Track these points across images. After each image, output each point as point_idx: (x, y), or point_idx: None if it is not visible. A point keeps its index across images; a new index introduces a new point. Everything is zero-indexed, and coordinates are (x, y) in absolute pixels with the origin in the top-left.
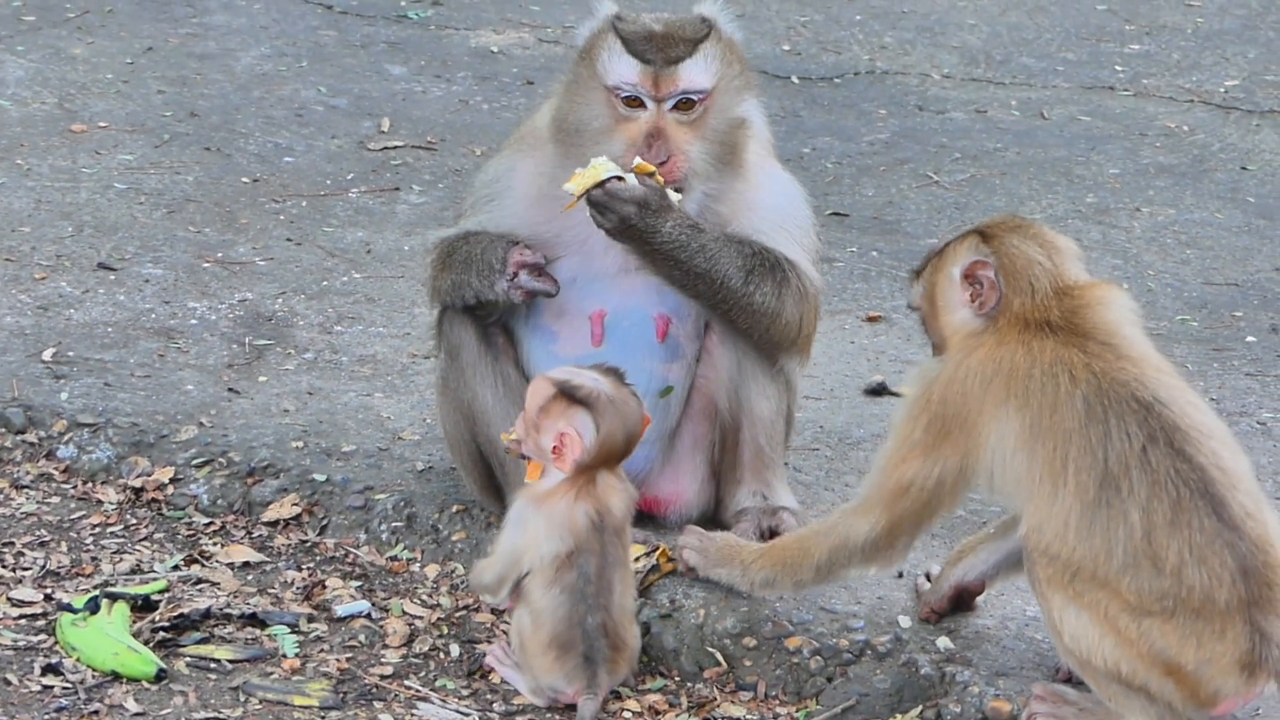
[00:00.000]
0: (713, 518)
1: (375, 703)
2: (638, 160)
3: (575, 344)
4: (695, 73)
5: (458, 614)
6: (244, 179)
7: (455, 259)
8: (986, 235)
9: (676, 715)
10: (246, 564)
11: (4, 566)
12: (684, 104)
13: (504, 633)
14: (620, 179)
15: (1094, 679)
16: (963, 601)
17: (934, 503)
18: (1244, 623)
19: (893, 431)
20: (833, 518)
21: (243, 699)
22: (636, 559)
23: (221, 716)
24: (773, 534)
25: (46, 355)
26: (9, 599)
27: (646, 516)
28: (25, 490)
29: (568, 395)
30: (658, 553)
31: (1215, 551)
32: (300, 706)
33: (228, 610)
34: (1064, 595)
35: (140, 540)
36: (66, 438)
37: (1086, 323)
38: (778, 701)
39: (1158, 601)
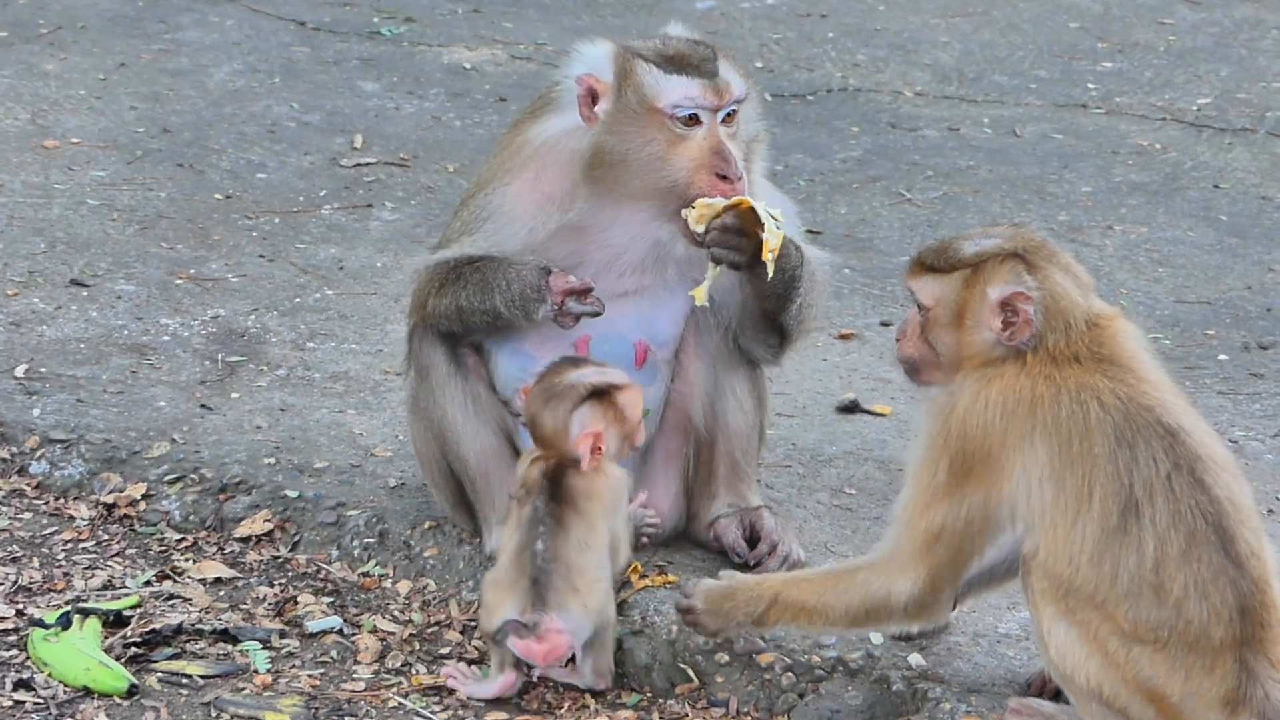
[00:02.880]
0: (684, 532)
1: (347, 718)
2: (729, 198)
3: None
4: (735, 81)
5: (430, 630)
6: (216, 195)
7: (466, 282)
8: (1030, 264)
9: None
10: (218, 580)
11: None
12: (729, 116)
13: (476, 650)
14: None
15: (1075, 695)
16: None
17: (967, 546)
18: (1234, 660)
19: (911, 478)
20: (857, 573)
21: (214, 715)
22: None
23: None
24: (754, 530)
25: (19, 371)
26: None
27: None
28: None
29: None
30: (629, 569)
31: (1218, 588)
32: None
33: (199, 626)
34: (1056, 609)
35: (112, 556)
36: (39, 454)
37: (1109, 351)
38: (750, 718)
39: (1152, 631)
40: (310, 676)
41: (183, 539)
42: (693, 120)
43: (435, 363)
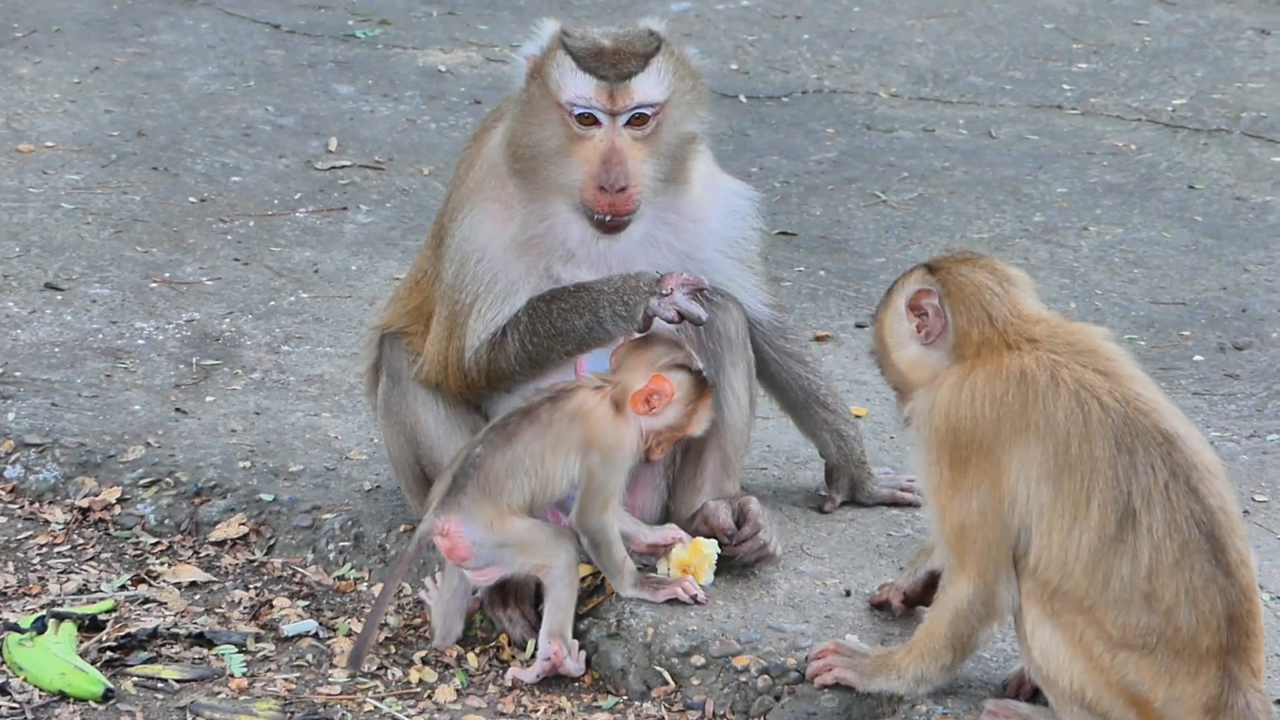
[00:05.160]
0: (660, 524)
1: None
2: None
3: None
4: (649, 86)
5: (405, 633)
6: (191, 199)
7: (543, 316)
8: (933, 267)
9: None
10: (194, 584)
11: None
12: (638, 119)
13: (451, 652)
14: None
15: (1057, 697)
16: (931, 591)
17: (994, 536)
18: (1218, 668)
19: (924, 493)
20: (940, 598)
21: (190, 718)
22: (584, 579)
23: None
24: (742, 513)
25: None
26: None
27: None
28: None
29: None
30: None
31: (1209, 596)
32: None
33: (175, 630)
34: (1040, 611)
35: (87, 560)
36: (13, 458)
37: (1080, 342)
38: None
39: (1140, 637)
40: (286, 680)
41: (158, 543)
42: (589, 120)
43: (406, 366)
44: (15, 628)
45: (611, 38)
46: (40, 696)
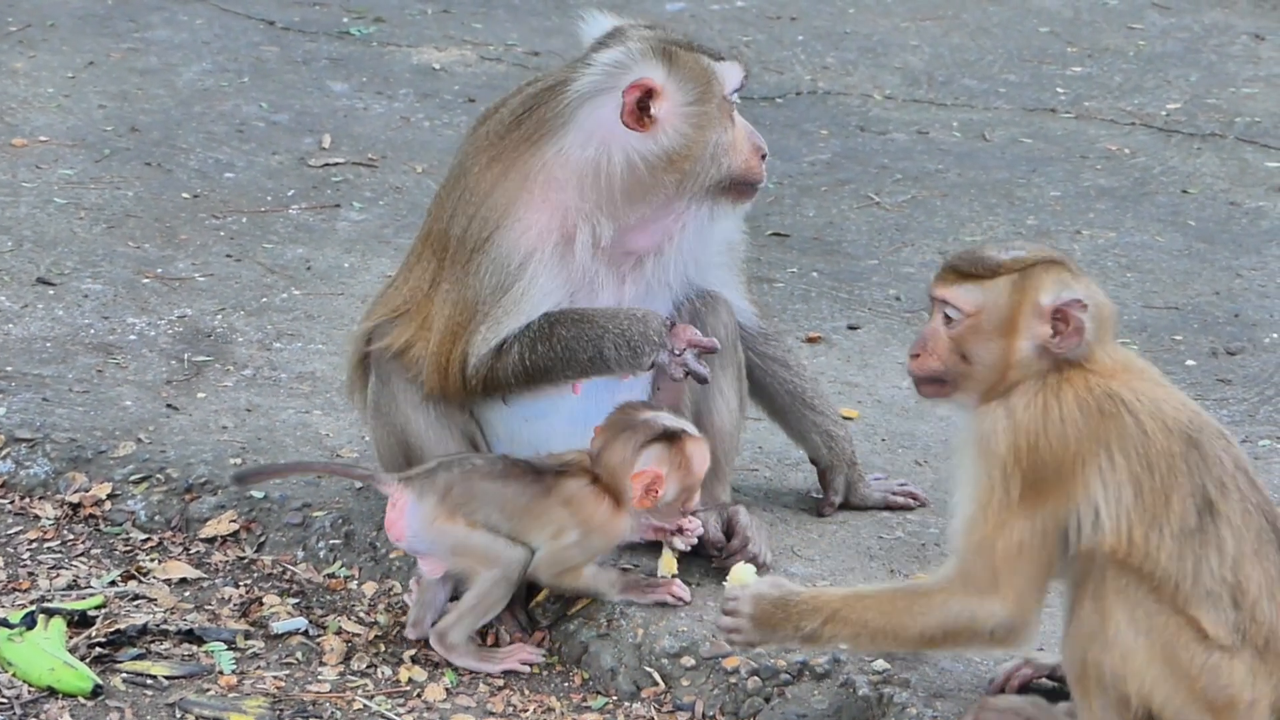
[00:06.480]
0: None
1: None
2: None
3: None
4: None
5: (395, 632)
6: (184, 194)
7: (549, 337)
8: (1073, 272)
9: None
10: (184, 580)
11: None
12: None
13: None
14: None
15: (1112, 700)
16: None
17: (1047, 560)
18: None
19: (972, 500)
20: (933, 595)
21: (179, 715)
22: None
23: None
24: (730, 525)
25: None
26: None
27: None
28: None
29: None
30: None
31: None
32: None
33: (164, 626)
34: (1131, 614)
35: (77, 556)
36: (4, 453)
37: (1131, 360)
38: None
39: (1229, 634)
40: (275, 678)
41: (148, 539)
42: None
43: (397, 368)
44: (5, 623)
45: (672, 33)
46: (29, 692)
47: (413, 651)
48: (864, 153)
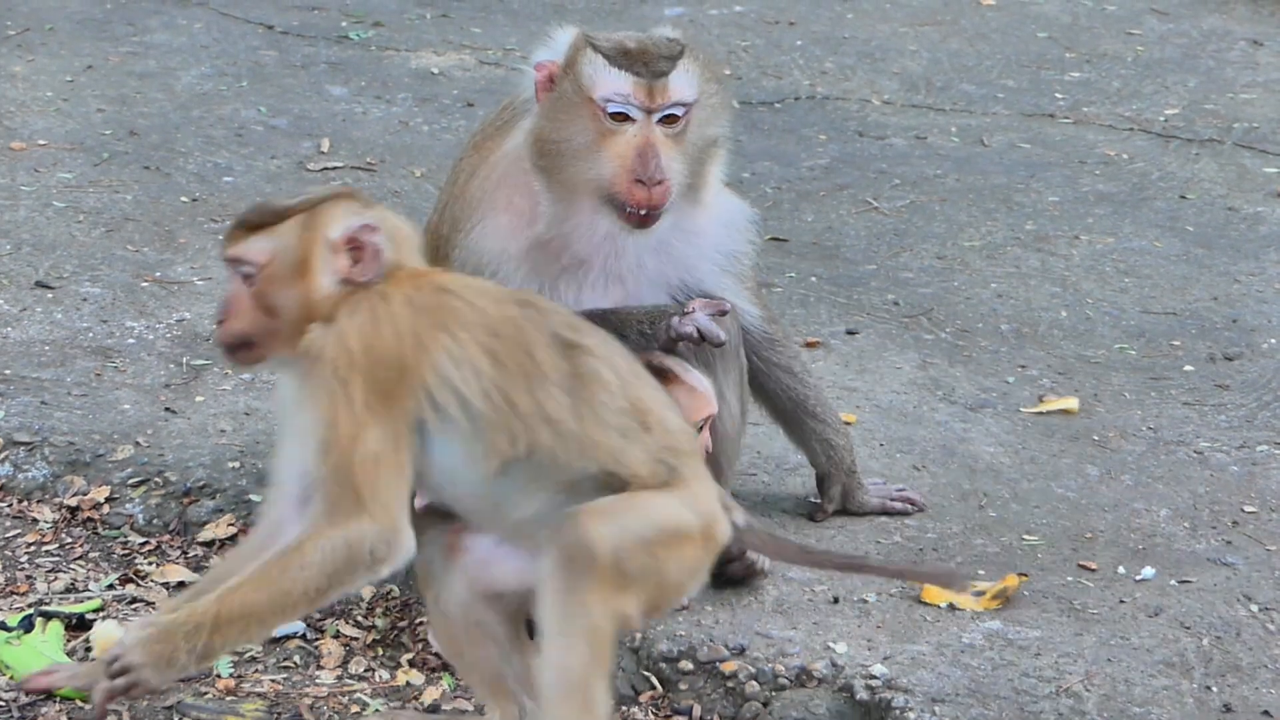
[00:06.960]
0: None
1: None
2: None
3: None
4: (682, 85)
5: (393, 635)
6: (183, 198)
7: None
8: (364, 202)
9: None
10: (182, 584)
11: None
12: (669, 118)
13: (437, 656)
14: None
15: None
16: None
17: (405, 462)
18: None
19: (316, 427)
20: (303, 546)
21: (177, 719)
22: None
23: None
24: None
25: None
26: None
27: None
28: None
29: None
30: None
31: None
32: None
33: None
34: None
35: (75, 559)
36: (2, 456)
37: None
38: None
39: (651, 468)
40: (273, 681)
41: (146, 542)
42: (622, 117)
43: None
44: (3, 626)
45: (636, 40)
46: (27, 695)
47: (410, 655)
48: (862, 158)
